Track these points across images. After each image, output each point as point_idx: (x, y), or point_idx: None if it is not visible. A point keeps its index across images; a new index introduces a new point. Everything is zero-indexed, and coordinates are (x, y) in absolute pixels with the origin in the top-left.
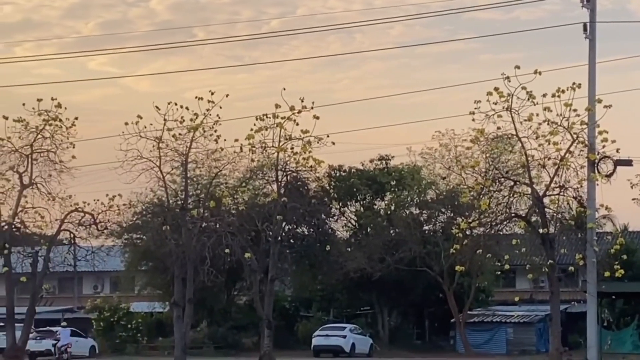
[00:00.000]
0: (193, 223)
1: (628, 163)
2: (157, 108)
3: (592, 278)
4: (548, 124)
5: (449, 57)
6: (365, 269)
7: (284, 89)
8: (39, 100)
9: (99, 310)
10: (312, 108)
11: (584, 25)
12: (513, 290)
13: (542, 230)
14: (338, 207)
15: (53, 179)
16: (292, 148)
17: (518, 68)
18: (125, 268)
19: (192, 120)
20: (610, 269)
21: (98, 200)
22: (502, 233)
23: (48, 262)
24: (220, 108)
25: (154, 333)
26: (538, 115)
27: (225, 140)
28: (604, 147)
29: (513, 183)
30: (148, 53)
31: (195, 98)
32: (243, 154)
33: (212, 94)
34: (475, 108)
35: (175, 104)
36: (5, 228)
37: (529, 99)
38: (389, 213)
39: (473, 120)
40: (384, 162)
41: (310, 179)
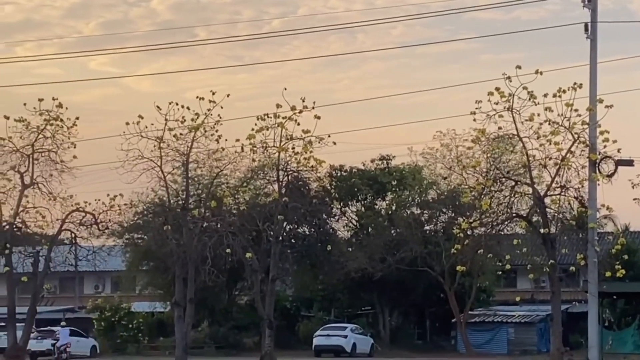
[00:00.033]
0: (194, 223)
1: (629, 163)
2: (158, 108)
3: (593, 278)
4: (549, 124)
5: (450, 57)
6: (367, 269)
7: (285, 89)
8: (40, 100)
9: (100, 310)
10: (313, 108)
11: (585, 25)
12: (514, 290)
13: (543, 230)
14: (339, 207)
15: (54, 179)
16: (293, 148)
17: (519, 68)
18: (126, 268)
19: (193, 120)
20: (612, 269)
21: (99, 200)
22: (503, 233)
23: (49, 262)
24: (222, 108)
25: (155, 333)
26: (539, 115)
27: (227, 140)
28: (605, 147)
29: (514, 183)
30: (149, 53)
31: (196, 98)
32: (244, 154)
33: (213, 94)
34: (477, 108)
35: (177, 104)
36: (7, 228)
37: (530, 99)
38: (390, 213)
39: (474, 120)
40: (385, 162)
41: (312, 179)
